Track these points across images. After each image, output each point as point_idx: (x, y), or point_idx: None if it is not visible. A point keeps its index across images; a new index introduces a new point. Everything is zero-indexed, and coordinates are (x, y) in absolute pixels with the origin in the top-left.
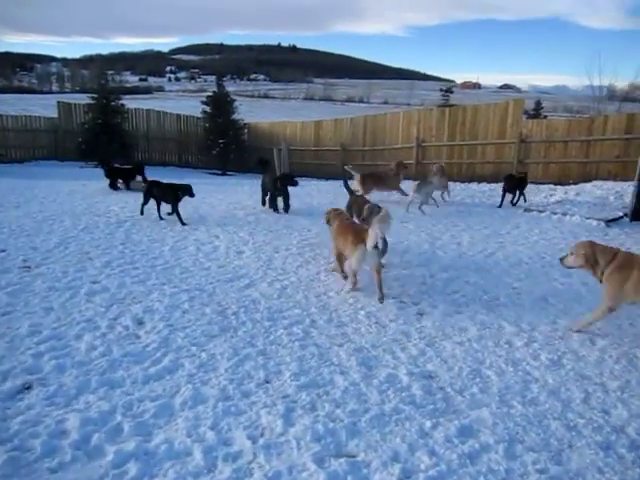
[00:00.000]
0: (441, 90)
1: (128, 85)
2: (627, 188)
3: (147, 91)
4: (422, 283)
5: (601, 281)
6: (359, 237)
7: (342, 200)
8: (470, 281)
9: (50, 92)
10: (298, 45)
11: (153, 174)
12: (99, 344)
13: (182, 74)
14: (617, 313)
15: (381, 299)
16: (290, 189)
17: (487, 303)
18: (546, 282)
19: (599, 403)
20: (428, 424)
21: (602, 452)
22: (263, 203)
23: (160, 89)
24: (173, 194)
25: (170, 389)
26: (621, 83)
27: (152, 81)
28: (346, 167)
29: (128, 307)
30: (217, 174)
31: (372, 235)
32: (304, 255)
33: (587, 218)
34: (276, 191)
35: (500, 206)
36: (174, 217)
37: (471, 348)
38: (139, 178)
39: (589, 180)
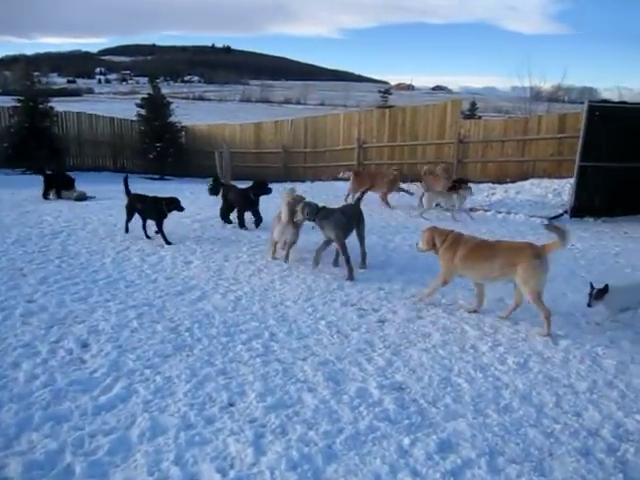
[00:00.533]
0: (380, 92)
1: (55, 87)
2: (564, 186)
3: (76, 93)
4: (379, 288)
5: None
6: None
7: None
8: (427, 284)
9: None
10: (232, 46)
11: (86, 180)
12: (40, 372)
13: (112, 76)
14: (572, 310)
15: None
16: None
17: (447, 306)
18: (501, 283)
19: (571, 406)
20: (406, 441)
21: (583, 459)
22: (224, 219)
23: (90, 91)
24: (158, 209)
25: (125, 420)
26: (546, 85)
27: (81, 83)
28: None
29: (70, 328)
30: (154, 179)
31: (283, 212)
32: (256, 263)
33: (530, 216)
34: (249, 204)
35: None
36: (115, 228)
37: (437, 355)
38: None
39: (526, 178)
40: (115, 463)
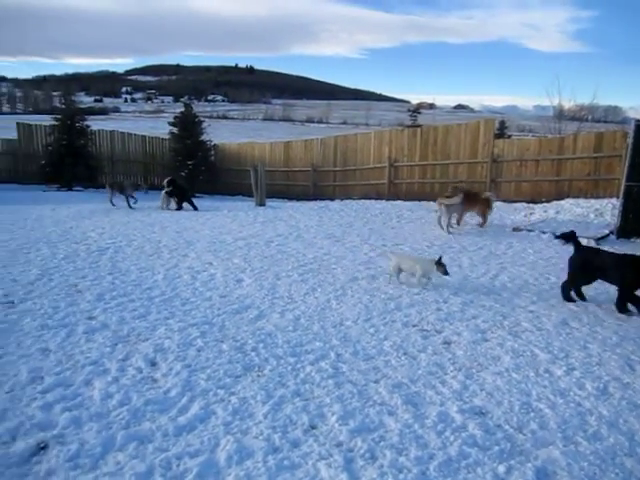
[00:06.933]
0: (409, 110)
1: (83, 106)
2: (605, 206)
3: (103, 112)
4: (438, 309)
5: None
6: None
7: (327, 221)
8: (485, 305)
9: (1, 113)
10: (255, 66)
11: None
12: (114, 391)
13: (138, 95)
14: None
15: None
16: (267, 211)
17: (511, 329)
18: (560, 304)
19: None
20: (501, 469)
21: None
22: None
23: (116, 110)
24: None
25: (208, 442)
26: (569, 104)
27: (108, 102)
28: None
29: (135, 346)
30: None
31: None
32: (308, 282)
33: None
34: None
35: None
36: (160, 245)
37: (512, 379)
38: None
39: (561, 198)
40: None
